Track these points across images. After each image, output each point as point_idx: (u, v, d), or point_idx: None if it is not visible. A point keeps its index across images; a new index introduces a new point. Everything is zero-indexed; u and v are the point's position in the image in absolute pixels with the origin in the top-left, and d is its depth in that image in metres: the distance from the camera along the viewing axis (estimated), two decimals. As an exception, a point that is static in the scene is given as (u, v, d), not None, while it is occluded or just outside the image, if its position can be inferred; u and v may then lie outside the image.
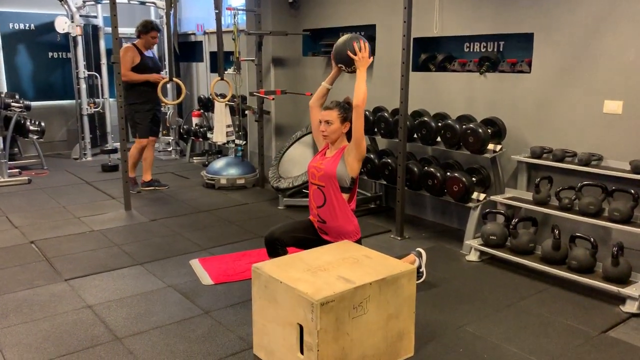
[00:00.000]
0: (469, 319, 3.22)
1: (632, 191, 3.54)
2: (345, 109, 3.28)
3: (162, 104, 8.35)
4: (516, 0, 4.36)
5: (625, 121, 3.80)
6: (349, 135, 3.28)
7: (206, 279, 3.81)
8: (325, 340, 2.43)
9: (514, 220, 3.98)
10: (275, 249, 3.28)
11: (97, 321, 3.20)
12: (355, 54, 3.22)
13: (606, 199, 3.68)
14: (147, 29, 6.05)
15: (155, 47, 8.58)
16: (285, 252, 3.25)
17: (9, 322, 3.18)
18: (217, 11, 5.59)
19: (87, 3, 8.01)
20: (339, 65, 3.37)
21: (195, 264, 4.09)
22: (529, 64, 4.38)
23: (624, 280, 3.41)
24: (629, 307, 3.30)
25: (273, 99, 6.08)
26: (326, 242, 3.28)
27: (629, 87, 3.76)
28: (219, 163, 6.68)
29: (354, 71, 3.30)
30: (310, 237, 3.39)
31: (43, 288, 3.66)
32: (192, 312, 3.32)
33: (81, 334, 3.05)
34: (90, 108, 8.29)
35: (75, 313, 3.30)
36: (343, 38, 3.35)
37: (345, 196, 3.26)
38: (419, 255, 3.68)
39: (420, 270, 3.62)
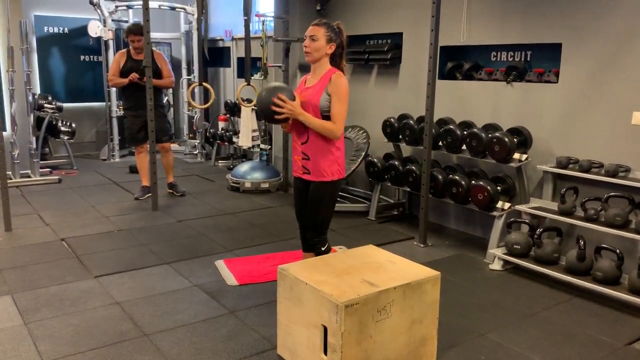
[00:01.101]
0: (491, 327, 3.23)
1: (660, 203, 3.51)
2: (334, 30, 3.05)
3: (190, 107, 8.55)
4: (544, 10, 4.37)
5: (654, 133, 3.77)
6: (332, 59, 3.07)
7: (231, 279, 3.88)
8: (349, 342, 2.47)
9: (539, 230, 3.98)
10: (304, 235, 3.39)
11: (125, 317, 3.28)
12: (279, 111, 2.96)
13: (633, 210, 3.66)
14: (127, 33, 5.94)
15: (181, 50, 8.79)
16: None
17: (41, 316, 3.28)
18: (245, 18, 5.69)
19: (119, 8, 8.21)
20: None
21: (221, 264, 4.17)
22: (557, 74, 4.37)
23: (650, 293, 3.39)
24: (655, 321, 3.27)
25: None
26: (309, 183, 3.18)
27: (658, 99, 3.73)
28: (244, 167, 6.77)
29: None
30: (301, 197, 3.28)
31: (73, 284, 3.77)
32: (217, 312, 3.39)
33: (110, 329, 3.14)
34: (120, 110, 8.46)
35: (104, 309, 3.39)
36: (260, 99, 3.04)
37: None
38: None
39: None
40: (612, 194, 3.75)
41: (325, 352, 2.55)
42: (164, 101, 6.37)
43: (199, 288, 3.75)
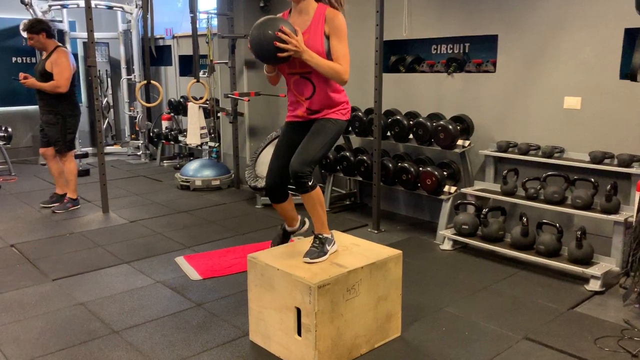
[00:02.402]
0: (448, 301, 3.44)
1: (592, 180, 3.84)
2: None
3: (131, 108, 8.40)
4: (480, 4, 4.65)
5: (583, 115, 4.11)
6: None
7: (194, 274, 3.92)
8: (322, 321, 2.60)
9: (484, 210, 4.24)
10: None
11: (92, 317, 3.27)
12: (284, 48, 2.50)
13: (569, 187, 3.98)
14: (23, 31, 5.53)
15: (120, 49, 8.61)
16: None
17: (2, 321, 3.22)
18: (192, 15, 5.70)
19: (53, 7, 7.96)
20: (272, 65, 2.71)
21: (181, 261, 4.19)
22: (494, 64, 4.67)
23: (587, 262, 3.70)
24: (593, 286, 3.58)
25: (248, 100, 6.21)
26: (310, 123, 2.85)
27: (586, 84, 4.07)
28: (193, 165, 6.75)
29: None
30: (291, 137, 2.92)
31: (31, 288, 3.70)
32: (184, 305, 3.43)
33: (77, 328, 3.12)
34: (58, 113, 8.20)
35: (69, 310, 3.36)
36: (257, 33, 2.55)
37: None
38: (303, 223, 3.43)
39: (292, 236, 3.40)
40: (550, 173, 4.06)
41: (299, 333, 2.67)
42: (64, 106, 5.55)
43: (162, 284, 3.76)
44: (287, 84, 2.84)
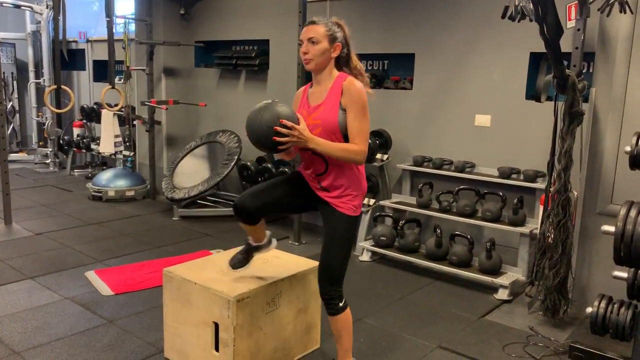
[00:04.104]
0: (366, 312, 3.49)
1: (500, 193, 4.05)
2: (336, 26, 2.44)
3: (40, 114, 7.94)
4: (400, 22, 4.80)
5: (493, 132, 4.34)
6: (337, 63, 2.47)
7: (105, 289, 3.73)
8: (241, 335, 2.55)
9: (401, 222, 4.36)
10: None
11: (-10, 337, 3.03)
12: (284, 137, 2.25)
13: (479, 201, 4.17)
14: None
15: (28, 51, 8.13)
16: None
17: None
18: (108, 19, 5.48)
19: (-48, 3, 7.39)
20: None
21: (92, 275, 3.98)
22: (411, 82, 4.84)
23: (496, 272, 3.89)
24: (501, 295, 3.77)
25: (166, 108, 6.04)
26: (320, 199, 2.54)
27: (495, 103, 4.31)
28: (106, 174, 6.47)
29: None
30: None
31: None
32: (94, 322, 3.25)
33: (-27, 351, 2.88)
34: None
35: (-37, 331, 3.10)
36: (254, 126, 2.30)
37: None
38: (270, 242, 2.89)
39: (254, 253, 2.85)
40: (462, 187, 4.25)
41: (217, 349, 2.60)
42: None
43: (70, 300, 3.55)
44: (302, 160, 2.58)
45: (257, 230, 2.67)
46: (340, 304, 2.51)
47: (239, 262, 2.74)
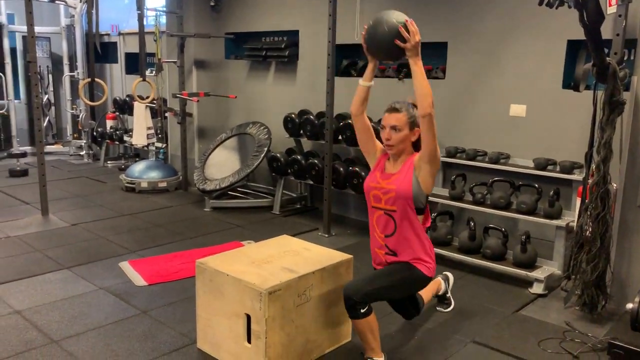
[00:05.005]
0: (398, 306, 3.46)
1: (536, 185, 3.95)
2: (415, 110, 2.59)
3: (87, 104, 8.09)
4: (432, 11, 4.72)
5: (528, 123, 4.23)
6: (414, 144, 2.68)
7: (139, 280, 3.79)
8: (273, 328, 2.55)
9: (433, 215, 4.30)
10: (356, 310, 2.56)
11: (29, 326, 3.10)
12: (405, 41, 2.41)
13: (514, 193, 4.08)
14: None
15: (63, 45, 8.29)
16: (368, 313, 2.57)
17: None
18: (139, 12, 5.53)
19: (-10, -1, 7.57)
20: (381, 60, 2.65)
21: (126, 266, 4.04)
22: (443, 71, 4.75)
23: (531, 265, 3.81)
24: (536, 289, 3.69)
25: (198, 100, 6.08)
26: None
27: (531, 93, 4.20)
28: (139, 166, 6.55)
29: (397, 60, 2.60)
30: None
31: (-38, 296, 3.48)
32: (128, 313, 3.30)
33: (13, 339, 2.95)
34: (-6, 110, 7.82)
35: (4, 319, 3.17)
36: (379, 20, 2.47)
37: (420, 218, 2.64)
38: (446, 279, 3.45)
39: (447, 295, 3.41)
40: (496, 179, 4.16)
41: (249, 340, 2.61)
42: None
43: (105, 291, 3.62)
44: (369, 219, 2.76)
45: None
46: (362, 310, 2.54)
47: None
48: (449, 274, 3.51)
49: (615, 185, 3.34)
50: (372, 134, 2.81)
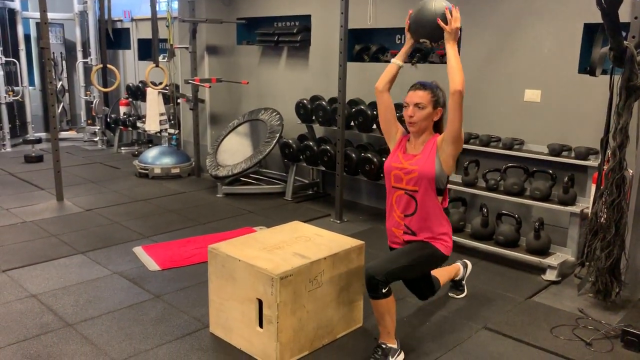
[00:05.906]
0: (408, 292, 3.45)
1: (550, 171, 3.91)
2: (439, 91, 2.71)
3: (99, 90, 8.13)
4: (445, -5, 4.65)
5: (543, 108, 4.18)
6: (435, 125, 2.73)
7: (152, 265, 3.82)
8: (284, 313, 2.56)
9: (446, 201, 4.27)
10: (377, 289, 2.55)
11: (45, 309, 3.15)
12: (447, 23, 2.53)
13: (528, 179, 4.04)
14: None
15: (76, 31, 8.31)
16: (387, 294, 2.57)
17: (-53, 315, 3.07)
18: (151, -3, 5.52)
19: (4, -15, 7.60)
20: (422, 40, 2.70)
21: (139, 251, 4.08)
22: (457, 56, 4.68)
23: (545, 252, 3.78)
24: (549, 276, 3.67)
25: (210, 86, 6.08)
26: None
27: (546, 77, 4.14)
28: (152, 152, 6.59)
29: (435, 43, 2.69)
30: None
31: (-21, 280, 3.54)
32: (142, 297, 3.34)
33: (29, 322, 3.00)
34: (9, 96, 7.87)
35: (20, 302, 3.23)
36: (426, 3, 2.61)
37: (439, 199, 2.69)
38: (465, 266, 3.47)
39: (462, 282, 3.44)
40: (509, 165, 4.12)
41: (261, 325, 2.63)
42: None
43: (119, 275, 3.66)
44: (387, 198, 2.78)
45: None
46: (384, 290, 2.54)
47: None
48: (469, 262, 3.50)
49: (631, 171, 3.29)
50: (394, 113, 2.83)
